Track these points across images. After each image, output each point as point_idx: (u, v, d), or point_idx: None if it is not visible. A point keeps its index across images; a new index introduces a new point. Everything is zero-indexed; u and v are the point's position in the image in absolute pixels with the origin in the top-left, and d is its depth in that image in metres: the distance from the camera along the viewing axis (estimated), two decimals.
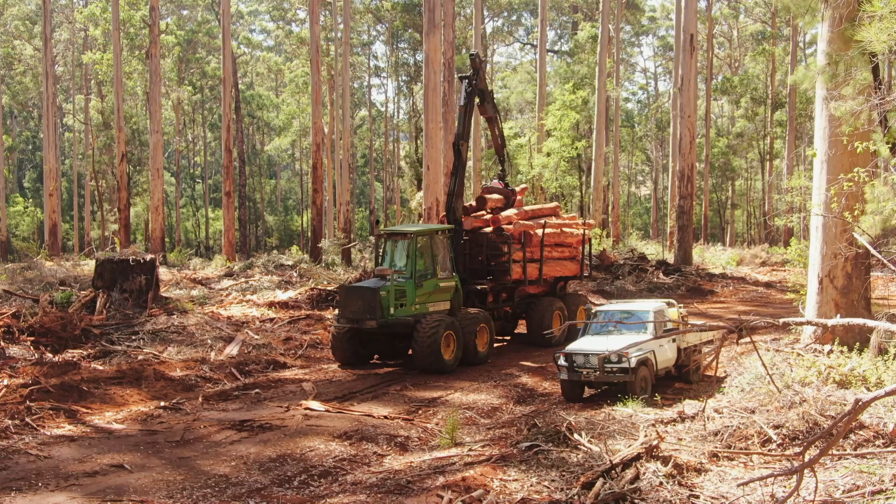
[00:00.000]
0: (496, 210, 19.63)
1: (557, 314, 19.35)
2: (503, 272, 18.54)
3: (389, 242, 17.60)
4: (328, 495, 9.36)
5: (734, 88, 57.02)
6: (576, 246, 21.10)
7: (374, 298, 16.04)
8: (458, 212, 18.48)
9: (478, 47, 47.27)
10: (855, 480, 8.20)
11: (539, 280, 19.52)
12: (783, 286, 27.14)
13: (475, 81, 19.00)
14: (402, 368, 17.10)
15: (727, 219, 63.89)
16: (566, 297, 20.71)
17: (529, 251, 19.03)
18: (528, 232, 18.95)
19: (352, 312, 16.37)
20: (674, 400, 12.79)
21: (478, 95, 19.24)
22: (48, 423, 12.38)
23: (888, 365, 11.54)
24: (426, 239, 16.98)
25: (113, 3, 39.73)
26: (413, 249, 16.67)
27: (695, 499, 8.10)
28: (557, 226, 20.41)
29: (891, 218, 10.10)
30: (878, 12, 7.12)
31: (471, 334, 16.91)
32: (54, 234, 40.37)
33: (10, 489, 9.57)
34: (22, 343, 16.29)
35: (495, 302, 19.01)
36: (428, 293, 16.78)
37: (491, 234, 18.90)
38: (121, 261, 20.73)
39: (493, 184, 20.92)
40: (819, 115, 13.95)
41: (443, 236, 17.45)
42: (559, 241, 20.38)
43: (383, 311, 16.07)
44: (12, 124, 66.57)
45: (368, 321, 16.11)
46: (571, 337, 18.54)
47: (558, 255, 20.45)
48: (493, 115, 20.20)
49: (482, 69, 19.35)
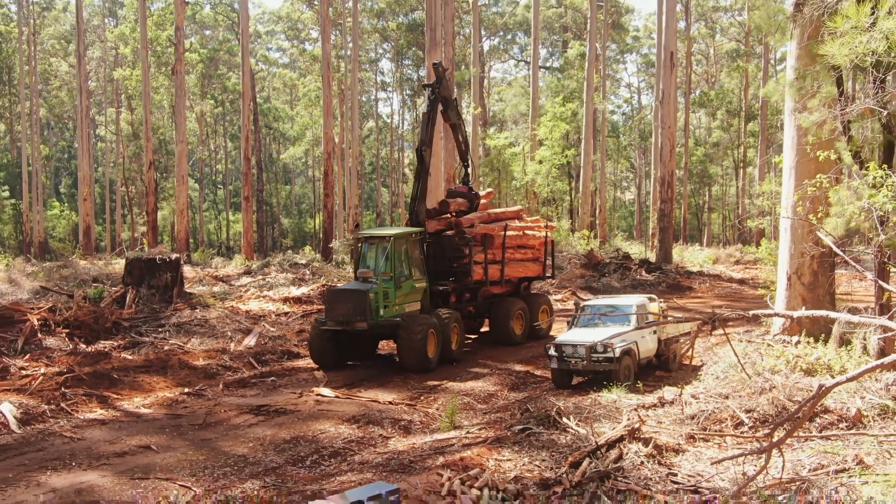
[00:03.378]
0: (460, 213, 18.45)
1: (519, 314, 18.47)
2: (464, 273, 17.45)
3: (367, 245, 16.51)
4: (338, 474, 9.37)
5: (711, 102, 57.07)
6: (538, 248, 19.99)
7: (363, 300, 15.06)
8: (421, 215, 17.33)
9: (475, 64, 47.37)
10: (820, 460, 8.20)
11: (501, 281, 18.44)
12: (755, 283, 27.12)
13: (438, 89, 17.94)
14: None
15: (704, 221, 63.84)
16: (529, 297, 19.61)
17: (491, 253, 17.99)
18: (489, 234, 17.92)
19: (341, 315, 15.21)
20: (654, 386, 12.78)
21: (441, 103, 18.14)
22: (81, 408, 12.41)
23: (850, 354, 11.54)
24: (404, 241, 16.11)
25: (141, 24, 39.80)
26: (393, 252, 15.71)
27: (673, 477, 8.11)
28: (520, 228, 19.39)
29: (853, 220, 10.09)
30: (839, 28, 7.12)
31: (447, 333, 16.06)
32: (88, 235, 40.37)
33: (47, 468, 9.60)
34: (58, 335, 16.32)
35: (458, 302, 17.83)
36: (405, 294, 15.88)
37: (454, 237, 17.73)
38: (149, 260, 20.76)
39: (457, 187, 19.70)
40: (787, 125, 13.96)
41: (415, 239, 16.58)
42: (521, 242, 19.27)
43: (373, 312, 15.14)
44: (49, 135, 66.56)
45: (359, 323, 15.07)
46: (533, 336, 18.54)
47: (521, 257, 19.31)
48: (455, 122, 18.98)
49: (445, 78, 18.25)
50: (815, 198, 11.18)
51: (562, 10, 58.73)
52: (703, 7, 58.45)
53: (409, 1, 54.93)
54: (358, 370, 15.95)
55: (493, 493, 8.06)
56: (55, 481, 9.14)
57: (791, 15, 12.88)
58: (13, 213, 55.58)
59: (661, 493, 7.66)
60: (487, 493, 8.08)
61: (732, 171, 59.93)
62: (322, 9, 37.63)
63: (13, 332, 15.85)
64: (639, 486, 7.84)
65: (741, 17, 54.69)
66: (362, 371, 15.88)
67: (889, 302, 10.22)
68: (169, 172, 52.60)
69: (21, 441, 10.73)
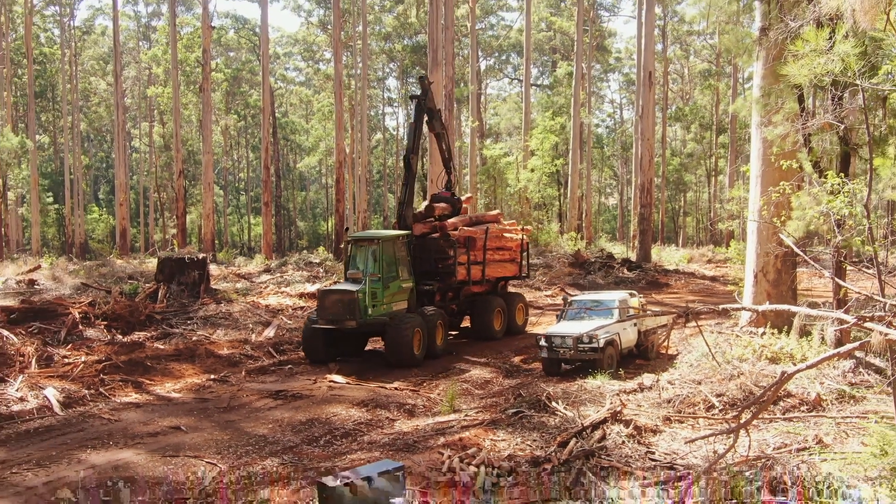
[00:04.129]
0: (443, 217, 17.94)
1: (498, 311, 18.05)
2: (449, 274, 16.92)
3: (356, 247, 15.79)
4: (348, 452, 9.37)
5: (685, 116, 57.03)
6: (515, 249, 19.33)
7: (352, 301, 14.42)
8: (408, 219, 16.82)
9: (473, 82, 47.29)
10: (783, 440, 8.21)
11: (482, 280, 17.92)
12: (725, 280, 27.10)
13: (424, 101, 17.32)
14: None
15: (680, 224, 63.73)
16: (506, 295, 19.07)
17: (473, 254, 17.40)
18: (471, 237, 17.31)
19: (331, 314, 14.59)
20: (635, 373, 12.80)
21: (426, 114, 17.55)
22: (118, 393, 12.43)
23: (810, 344, 11.55)
24: (391, 244, 15.47)
25: (172, 47, 39.79)
26: (381, 254, 15.08)
27: (651, 455, 8.12)
28: (499, 231, 18.77)
29: (812, 223, 10.10)
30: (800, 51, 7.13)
31: (432, 330, 15.56)
32: (124, 237, 40.37)
33: (87, 447, 9.62)
34: (97, 327, 16.34)
35: (442, 301, 17.20)
36: (393, 294, 15.25)
37: (439, 239, 17.16)
38: (178, 259, 20.75)
39: (441, 193, 18.95)
40: (754, 138, 13.97)
41: (402, 241, 15.93)
42: (500, 244, 18.74)
43: (362, 311, 14.48)
44: (89, 147, 66.53)
45: (349, 322, 14.45)
46: (511, 332, 18.28)
47: (499, 258, 18.76)
48: (440, 132, 18.38)
49: (430, 90, 17.66)
50: (779, 203, 11.20)
51: (551, 33, 58.65)
52: (679, 31, 58.41)
53: (414, 25, 54.87)
54: (364, 361, 15.80)
55: (489, 470, 8.08)
56: (94, 458, 9.16)
57: (757, 39, 12.91)
58: (56, 217, 55.65)
59: (640, 469, 7.68)
60: (484, 469, 8.09)
61: (705, 179, 59.89)
62: (335, 33, 37.64)
63: (57, 324, 15.87)
64: (620, 463, 7.85)
65: (713, 41, 54.59)
66: (370, 361, 15.74)
67: (845, 297, 10.22)
68: (196, 180, 52.62)
69: (63, 422, 10.75)
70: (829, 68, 7.06)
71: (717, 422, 9.04)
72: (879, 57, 8.25)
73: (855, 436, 8.13)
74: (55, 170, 59.00)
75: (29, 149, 43.02)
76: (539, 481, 7.67)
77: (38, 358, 13.25)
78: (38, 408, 11.10)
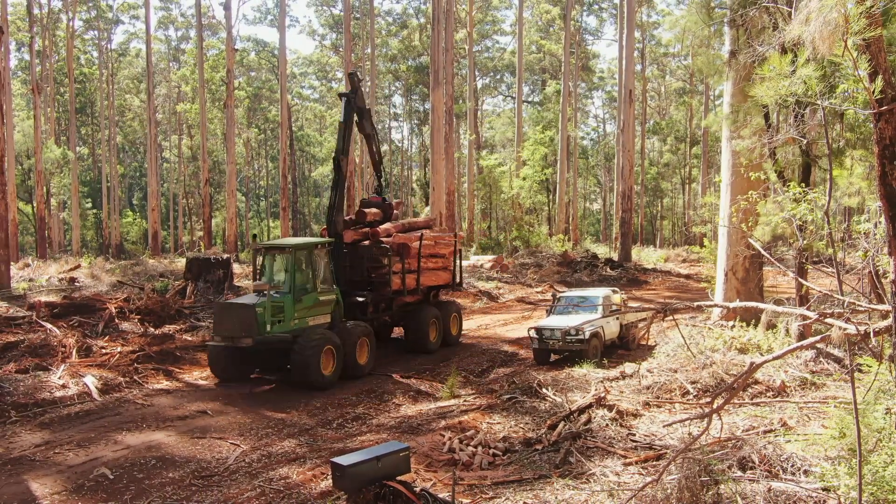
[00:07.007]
0: (375, 223, 15.44)
1: (434, 321, 15.53)
2: (383, 283, 14.44)
3: (268, 257, 13.15)
4: (358, 434, 9.38)
5: (662, 130, 57.10)
6: (448, 256, 16.79)
7: (249, 316, 11.65)
8: (338, 225, 14.11)
9: (471, 99, 47.29)
10: (751, 423, 8.21)
11: (416, 290, 15.37)
12: (699, 277, 27.12)
13: (354, 99, 14.69)
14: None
15: (658, 227, 63.70)
16: (440, 304, 16.42)
17: (407, 262, 14.99)
18: (406, 244, 14.94)
19: (226, 330, 11.86)
20: (617, 363, 12.79)
21: (356, 113, 14.96)
22: (150, 380, 12.42)
23: (776, 337, 11.55)
24: (305, 253, 12.70)
25: (199, 67, 39.82)
26: (292, 264, 12.41)
27: (632, 436, 8.12)
28: (432, 238, 16.22)
29: (777, 227, 10.11)
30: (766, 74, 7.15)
31: (351, 347, 12.69)
32: (155, 239, 40.36)
33: (122, 429, 9.63)
34: (131, 320, 16.31)
35: (375, 312, 14.65)
36: (308, 307, 12.43)
37: (371, 247, 14.73)
38: (205, 259, 20.74)
39: (371, 198, 16.55)
40: (725, 150, 13.97)
41: (322, 249, 13.11)
42: (434, 252, 16.18)
43: (259, 327, 11.63)
44: (124, 157, 66.51)
45: (244, 339, 11.69)
46: (447, 342, 15.91)
47: (433, 266, 16.20)
48: (370, 133, 15.79)
49: (360, 88, 15.17)
50: (747, 209, 11.21)
51: (541, 55, 58.64)
52: (656, 53, 58.45)
53: (417, 48, 54.88)
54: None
55: (485, 450, 8.08)
56: (129, 439, 9.17)
57: (727, 61, 12.91)
58: (95, 220, 55.62)
59: (623, 449, 7.68)
60: (481, 450, 8.10)
61: (680, 187, 59.89)
62: (346, 55, 37.66)
63: (95, 318, 15.85)
64: (604, 444, 7.85)
65: (687, 62, 54.60)
66: (378, 352, 14.65)
67: (807, 294, 10.24)
68: (221, 187, 52.59)
69: (101, 407, 10.76)
70: (792, 90, 7.06)
71: (692, 407, 9.05)
72: (837, 78, 8.26)
73: (816, 419, 8.13)
74: (94, 178, 59.00)
75: (70, 159, 43.05)
76: (531, 460, 7.67)
77: (79, 348, 13.23)
78: (78, 394, 11.10)
